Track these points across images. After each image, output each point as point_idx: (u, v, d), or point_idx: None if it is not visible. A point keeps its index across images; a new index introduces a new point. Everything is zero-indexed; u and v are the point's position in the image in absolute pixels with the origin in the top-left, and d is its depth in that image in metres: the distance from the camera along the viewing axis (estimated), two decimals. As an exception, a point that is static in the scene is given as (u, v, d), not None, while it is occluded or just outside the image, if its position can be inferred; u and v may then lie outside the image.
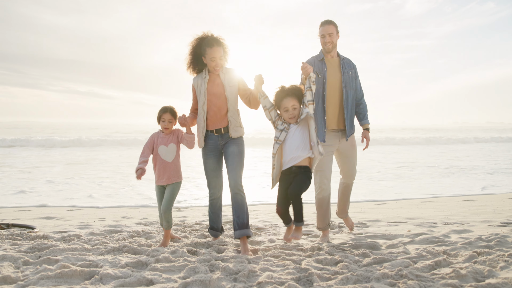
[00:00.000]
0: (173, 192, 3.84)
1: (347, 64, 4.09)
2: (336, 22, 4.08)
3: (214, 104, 3.71)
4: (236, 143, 3.74)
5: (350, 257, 3.21)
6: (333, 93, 3.98)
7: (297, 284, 2.56)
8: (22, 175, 9.86)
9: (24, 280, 2.68)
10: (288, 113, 3.43)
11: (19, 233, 4.16)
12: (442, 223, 4.73)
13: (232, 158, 3.66)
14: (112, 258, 3.12)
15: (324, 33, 3.99)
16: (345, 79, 4.01)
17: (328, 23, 4.03)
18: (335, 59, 4.07)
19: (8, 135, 25.98)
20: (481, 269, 2.77)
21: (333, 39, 3.99)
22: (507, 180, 9.47)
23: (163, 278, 2.67)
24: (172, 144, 3.87)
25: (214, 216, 3.99)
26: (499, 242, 3.61)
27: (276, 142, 3.48)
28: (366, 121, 4.19)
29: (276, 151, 3.45)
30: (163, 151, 3.87)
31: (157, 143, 3.89)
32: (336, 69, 4.02)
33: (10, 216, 5.49)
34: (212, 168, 3.83)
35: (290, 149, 3.40)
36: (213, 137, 3.77)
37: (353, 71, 4.10)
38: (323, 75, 3.98)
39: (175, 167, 3.87)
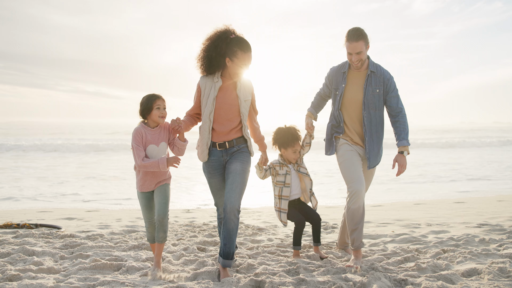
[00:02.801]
0: (167, 194, 3.36)
1: (375, 79, 3.57)
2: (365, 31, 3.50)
3: (223, 115, 3.34)
4: (240, 159, 3.38)
5: (335, 254, 3.87)
6: (353, 114, 3.64)
7: (287, 274, 3.23)
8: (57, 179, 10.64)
9: (65, 271, 3.38)
10: (295, 154, 3.84)
11: (49, 232, 4.87)
12: (425, 224, 5.36)
13: (233, 177, 3.30)
14: (134, 254, 3.82)
15: (351, 51, 3.46)
16: (367, 99, 3.56)
17: (355, 38, 3.43)
18: (361, 72, 3.60)
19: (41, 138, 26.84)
20: (440, 264, 3.42)
21: (363, 56, 3.47)
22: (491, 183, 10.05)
23: (178, 268, 3.35)
24: (163, 143, 3.35)
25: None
26: (466, 241, 4.24)
27: (284, 186, 3.82)
28: (402, 142, 3.57)
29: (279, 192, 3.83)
30: (153, 152, 3.31)
31: (146, 140, 3.29)
32: (358, 85, 3.60)
33: (34, 217, 6.20)
34: (218, 187, 3.50)
35: (294, 188, 3.86)
36: (216, 153, 3.39)
37: (381, 88, 3.57)
38: (340, 92, 3.64)
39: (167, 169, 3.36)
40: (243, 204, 3.53)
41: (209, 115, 3.33)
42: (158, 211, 3.29)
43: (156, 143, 3.31)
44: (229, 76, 3.35)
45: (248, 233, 4.93)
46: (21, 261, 3.56)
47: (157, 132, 3.33)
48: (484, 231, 4.81)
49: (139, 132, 3.28)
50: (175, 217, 6.00)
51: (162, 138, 3.34)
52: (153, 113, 3.28)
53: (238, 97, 3.36)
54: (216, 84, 3.32)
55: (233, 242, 3.28)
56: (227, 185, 3.30)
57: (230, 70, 3.31)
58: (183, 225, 5.38)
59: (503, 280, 3.03)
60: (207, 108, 3.33)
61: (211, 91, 3.33)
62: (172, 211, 6.68)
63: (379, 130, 3.66)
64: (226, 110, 3.34)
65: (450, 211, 6.46)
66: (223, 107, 3.34)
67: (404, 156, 3.56)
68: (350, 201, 3.48)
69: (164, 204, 3.30)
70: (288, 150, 3.86)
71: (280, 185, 3.85)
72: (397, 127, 3.62)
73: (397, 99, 3.62)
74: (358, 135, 3.66)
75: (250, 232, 4.95)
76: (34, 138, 28.21)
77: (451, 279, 3.05)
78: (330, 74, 3.74)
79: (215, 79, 3.33)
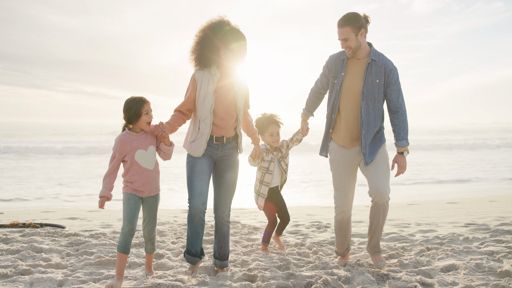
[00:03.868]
0: (156, 208, 3.30)
1: (376, 68, 3.41)
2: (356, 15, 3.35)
3: (222, 110, 3.29)
4: (234, 169, 3.42)
5: (324, 251, 4.16)
6: (350, 104, 3.45)
7: (278, 269, 3.52)
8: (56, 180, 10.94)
9: (72, 266, 3.67)
10: (272, 137, 4.04)
11: (54, 231, 5.15)
12: (415, 224, 5.64)
13: (227, 188, 3.40)
14: (136, 251, 4.10)
15: (339, 37, 3.39)
16: (366, 89, 3.39)
17: (342, 24, 3.35)
18: (361, 61, 3.45)
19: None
20: (422, 260, 3.70)
21: (350, 43, 3.34)
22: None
23: (177, 264, 3.64)
24: (152, 147, 3.22)
25: (193, 236, 3.33)
26: (451, 240, 4.52)
27: (267, 172, 4.05)
28: (401, 142, 3.47)
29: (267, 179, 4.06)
30: (142, 157, 3.16)
31: (132, 147, 3.15)
32: (358, 74, 3.43)
33: (38, 216, 6.48)
34: (201, 169, 3.27)
35: (275, 176, 4.11)
36: (212, 145, 3.33)
37: (381, 78, 3.40)
38: (339, 81, 3.48)
39: (158, 175, 3.28)
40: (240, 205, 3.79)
41: (210, 109, 3.23)
42: (148, 226, 3.25)
43: (144, 147, 3.18)
44: (225, 69, 3.28)
45: (244, 232, 5.21)
46: (30, 258, 3.84)
47: (143, 136, 3.19)
48: (469, 230, 5.08)
49: (121, 140, 3.14)
50: (174, 217, 6.28)
51: (150, 142, 3.21)
52: (142, 119, 3.13)
53: (235, 91, 3.32)
54: (214, 77, 3.24)
55: (227, 243, 3.49)
56: (220, 194, 3.41)
57: (225, 63, 3.24)
58: (182, 224, 5.65)
59: (477, 274, 3.32)
60: (207, 102, 3.22)
61: (209, 84, 3.22)
62: (171, 211, 6.97)
63: (378, 124, 3.45)
64: (226, 105, 3.28)
65: (441, 211, 6.73)
66: (222, 101, 3.27)
67: (404, 156, 3.46)
68: (335, 212, 3.62)
69: (153, 219, 3.28)
70: (265, 135, 4.06)
71: (263, 171, 4.06)
72: (396, 125, 3.47)
73: (398, 93, 3.44)
74: (352, 130, 3.47)
75: (246, 231, 5.23)
76: (35, 139, 28.54)
77: (430, 274, 3.33)
78: (329, 62, 3.58)
79: (212, 72, 3.25)
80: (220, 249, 3.48)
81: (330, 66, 3.58)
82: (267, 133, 4.07)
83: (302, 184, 10.56)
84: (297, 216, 6.37)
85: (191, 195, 3.27)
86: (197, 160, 3.30)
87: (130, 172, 3.17)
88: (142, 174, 3.17)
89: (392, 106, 3.47)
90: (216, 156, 3.38)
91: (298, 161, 15.53)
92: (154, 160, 3.24)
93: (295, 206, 7.43)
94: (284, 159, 4.16)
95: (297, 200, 8.35)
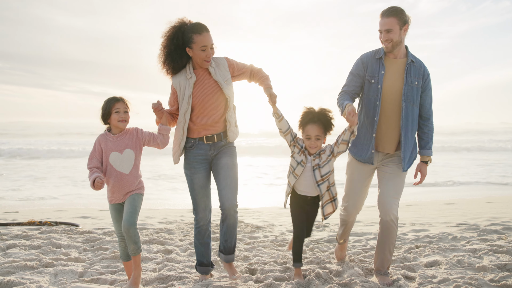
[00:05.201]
0: (136, 203, 3.19)
1: (415, 71, 3.34)
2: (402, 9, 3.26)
3: (206, 108, 3.28)
4: (229, 153, 3.36)
5: (320, 248, 4.56)
6: (390, 106, 3.32)
7: (276, 264, 3.93)
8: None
9: (89, 260, 4.11)
10: (309, 141, 3.30)
11: (69, 229, 5.60)
12: (409, 224, 6.02)
13: (225, 172, 3.29)
14: (147, 247, 4.54)
15: (380, 28, 3.26)
16: (407, 90, 3.29)
17: (387, 14, 3.24)
18: (399, 60, 3.34)
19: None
20: (409, 257, 4.10)
21: (393, 36, 3.23)
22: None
23: (185, 259, 4.07)
24: (128, 150, 3.19)
25: (203, 248, 3.44)
26: (440, 238, 4.90)
27: (292, 174, 3.38)
28: (426, 152, 3.46)
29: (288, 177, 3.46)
30: (116, 159, 3.17)
31: (107, 148, 3.16)
32: (397, 74, 3.32)
33: (52, 215, 6.94)
34: (200, 185, 3.34)
35: (305, 185, 3.36)
36: (203, 147, 3.31)
37: (420, 81, 3.34)
38: (377, 80, 3.32)
39: (136, 179, 3.23)
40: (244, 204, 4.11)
41: (184, 114, 3.27)
42: (124, 221, 3.12)
43: (119, 150, 3.16)
44: (200, 66, 3.28)
45: (247, 230, 5.62)
46: (51, 252, 4.29)
47: (120, 138, 3.19)
48: (460, 229, 5.46)
49: (99, 142, 3.21)
50: (181, 216, 6.71)
51: (127, 145, 3.18)
52: (112, 117, 3.16)
53: (217, 81, 3.28)
54: (190, 80, 3.25)
55: (234, 236, 3.36)
56: (220, 182, 3.29)
57: (195, 59, 3.25)
58: (189, 223, 6.08)
59: (456, 269, 3.71)
60: (183, 107, 3.26)
61: (186, 89, 3.24)
62: (178, 210, 7.41)
63: (415, 129, 3.40)
64: (209, 100, 3.27)
65: (437, 212, 7.10)
66: (205, 100, 3.26)
67: (427, 166, 3.48)
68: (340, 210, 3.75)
69: (131, 213, 3.13)
70: (303, 134, 3.37)
71: (291, 169, 3.41)
72: (425, 133, 3.44)
73: (431, 100, 3.42)
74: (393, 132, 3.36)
75: (248, 230, 5.64)
76: (44, 139, 29.19)
77: (413, 268, 3.73)
78: (364, 60, 3.41)
79: (187, 76, 3.26)
80: (225, 242, 3.37)
81: (365, 65, 3.40)
82: (304, 133, 3.35)
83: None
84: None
85: (196, 210, 3.40)
86: (194, 176, 3.34)
87: (106, 175, 3.18)
88: (117, 177, 3.16)
89: (425, 112, 3.42)
90: (210, 156, 3.38)
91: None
92: (130, 164, 3.19)
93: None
94: (321, 169, 3.32)
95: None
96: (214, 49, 3.24)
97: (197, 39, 3.14)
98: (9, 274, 3.57)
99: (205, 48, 3.17)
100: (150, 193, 9.55)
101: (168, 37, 3.22)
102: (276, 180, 11.81)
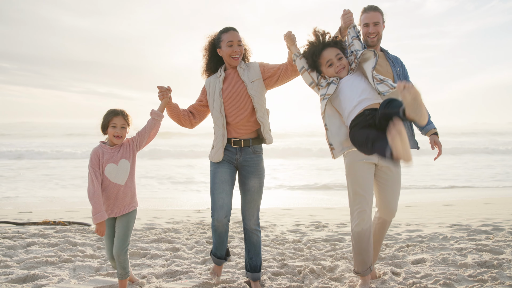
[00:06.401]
0: (129, 226, 3.27)
1: (394, 59, 3.63)
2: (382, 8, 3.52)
3: (234, 106, 3.40)
4: (258, 173, 3.44)
5: (317, 247, 4.96)
6: None
7: (274, 261, 4.34)
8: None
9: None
10: (334, 66, 3.13)
11: (82, 228, 6.04)
12: (405, 224, 6.40)
13: (251, 196, 3.45)
14: (156, 245, 4.97)
15: (368, 21, 3.46)
16: (396, 75, 3.52)
17: (373, 9, 3.50)
18: (379, 52, 3.55)
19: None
20: (398, 255, 4.48)
21: (379, 29, 3.48)
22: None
23: (191, 256, 4.49)
24: (124, 161, 3.24)
25: (218, 242, 3.52)
26: (431, 238, 5.28)
27: (324, 98, 3.13)
28: (430, 126, 3.61)
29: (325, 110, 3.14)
30: (112, 171, 3.21)
31: (103, 160, 3.21)
32: (382, 61, 3.55)
33: (64, 215, 7.40)
34: (222, 179, 3.39)
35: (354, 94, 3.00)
36: (230, 149, 3.43)
37: (400, 68, 3.60)
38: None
39: (130, 191, 3.28)
40: None
41: (220, 109, 3.41)
42: (115, 246, 3.20)
43: (115, 161, 3.22)
44: (229, 65, 3.49)
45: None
46: (68, 250, 4.73)
47: (116, 149, 3.25)
48: (452, 230, 5.83)
49: (95, 153, 3.23)
50: (187, 216, 7.14)
51: (122, 155, 3.25)
52: (108, 130, 3.25)
53: (244, 81, 3.41)
54: (219, 78, 3.46)
55: (259, 254, 3.49)
56: (246, 202, 3.46)
57: (225, 59, 3.46)
58: (195, 223, 6.50)
59: (440, 266, 4.09)
60: (216, 103, 3.42)
61: (216, 86, 3.45)
62: (184, 211, 7.85)
63: None
64: (235, 98, 3.40)
65: (434, 213, 7.46)
66: (231, 97, 3.41)
67: (438, 136, 3.57)
68: (352, 222, 3.37)
69: (122, 238, 3.20)
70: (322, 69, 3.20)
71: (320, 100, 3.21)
72: None
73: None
74: None
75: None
76: (52, 141, 29.80)
77: (400, 265, 4.12)
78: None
79: (218, 75, 3.50)
80: (250, 261, 3.49)
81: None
82: (324, 65, 3.18)
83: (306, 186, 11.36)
84: (299, 216, 7.17)
85: (214, 208, 3.39)
86: (217, 169, 3.42)
87: (102, 187, 3.21)
88: (112, 189, 3.21)
89: None
90: (236, 161, 3.44)
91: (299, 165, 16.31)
92: (126, 175, 3.24)
93: (299, 207, 8.24)
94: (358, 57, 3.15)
95: (300, 201, 9.15)
96: (243, 46, 3.45)
97: (224, 37, 3.41)
98: (33, 268, 4.01)
99: (232, 43, 3.38)
100: (157, 194, 10.03)
101: (205, 48, 3.56)
102: (280, 182, 12.22)
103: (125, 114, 3.29)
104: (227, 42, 3.38)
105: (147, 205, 8.62)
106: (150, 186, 11.47)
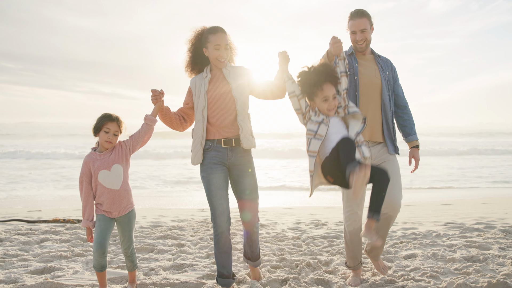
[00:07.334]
0: (131, 225, 3.38)
1: (383, 63, 3.68)
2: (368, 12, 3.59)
3: (219, 107, 3.39)
4: (250, 173, 3.45)
5: (315, 243, 5.27)
6: (370, 94, 3.53)
7: (274, 255, 4.65)
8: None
9: (113, 252, 4.87)
10: (327, 103, 3.14)
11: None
12: (401, 223, 6.69)
13: (250, 195, 3.47)
14: (162, 241, 5.30)
15: (355, 29, 3.54)
16: (384, 80, 3.58)
17: (359, 15, 3.54)
18: (368, 56, 3.66)
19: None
20: (392, 250, 4.79)
21: (367, 35, 3.55)
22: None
23: (195, 251, 4.82)
24: (116, 166, 3.27)
25: (223, 258, 3.46)
26: (424, 235, 5.57)
27: (315, 137, 3.16)
28: (414, 137, 3.69)
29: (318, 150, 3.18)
30: (105, 177, 3.24)
31: (95, 168, 3.23)
32: (371, 66, 3.61)
33: (72, 214, 7.75)
34: (217, 185, 3.38)
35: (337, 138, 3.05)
36: (221, 149, 3.40)
37: (390, 72, 3.66)
38: (353, 71, 3.52)
39: (127, 193, 3.32)
40: None
41: (202, 111, 3.39)
42: (124, 245, 3.38)
43: (107, 167, 3.24)
44: (215, 66, 3.45)
45: (251, 228, 6.34)
46: (79, 245, 5.07)
47: (107, 155, 3.27)
48: (445, 228, 6.12)
49: (86, 164, 3.27)
50: (191, 215, 7.47)
51: (114, 160, 3.27)
52: (100, 134, 3.27)
53: (229, 82, 3.40)
54: (205, 79, 3.42)
55: (258, 244, 3.67)
56: (245, 203, 3.48)
57: (210, 59, 3.43)
58: (199, 221, 6.82)
59: (429, 260, 4.39)
60: (200, 104, 3.39)
61: (202, 86, 3.41)
62: (188, 210, 8.18)
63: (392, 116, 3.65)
64: (221, 100, 3.39)
65: (431, 212, 7.75)
66: (217, 99, 3.39)
67: (418, 150, 3.70)
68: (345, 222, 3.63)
69: (128, 237, 3.37)
70: (316, 100, 3.21)
71: (310, 135, 3.20)
72: (406, 120, 3.69)
73: (403, 90, 3.70)
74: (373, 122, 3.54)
75: (253, 227, 6.36)
76: (58, 141, 30.26)
77: (391, 259, 4.43)
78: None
79: (204, 75, 3.45)
80: (251, 250, 3.67)
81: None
82: (319, 97, 3.19)
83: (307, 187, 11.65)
84: (300, 215, 7.48)
85: (214, 214, 3.41)
86: (211, 176, 3.40)
87: (97, 194, 3.28)
88: (108, 194, 3.25)
89: (401, 101, 3.70)
90: (228, 161, 3.44)
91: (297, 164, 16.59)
92: (120, 179, 3.27)
93: (300, 207, 8.55)
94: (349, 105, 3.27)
95: (301, 200, 9.46)
96: (229, 50, 3.44)
97: (211, 38, 3.36)
98: (49, 261, 4.36)
99: (219, 47, 3.35)
100: (162, 193, 10.38)
101: (190, 41, 3.52)
102: (281, 182, 12.52)
103: (120, 121, 3.33)
104: (214, 45, 3.36)
105: (152, 204, 8.96)
106: (155, 185, 11.85)
